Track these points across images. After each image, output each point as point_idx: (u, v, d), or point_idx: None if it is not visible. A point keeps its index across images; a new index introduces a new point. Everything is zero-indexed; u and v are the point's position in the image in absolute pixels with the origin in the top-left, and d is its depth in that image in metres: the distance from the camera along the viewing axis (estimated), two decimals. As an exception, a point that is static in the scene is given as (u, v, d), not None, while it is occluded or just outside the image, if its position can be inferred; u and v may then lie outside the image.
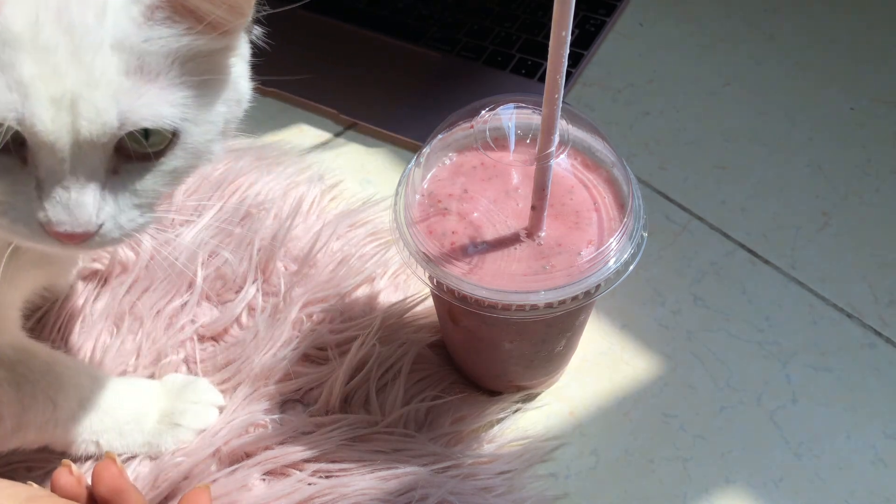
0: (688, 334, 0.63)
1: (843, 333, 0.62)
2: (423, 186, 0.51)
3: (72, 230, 0.33)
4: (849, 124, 0.76)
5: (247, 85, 0.42)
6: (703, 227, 0.69)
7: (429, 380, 0.60)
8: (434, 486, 0.54)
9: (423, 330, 0.62)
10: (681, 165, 0.73)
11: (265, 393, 0.59)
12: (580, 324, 0.55)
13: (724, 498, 0.55)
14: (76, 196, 0.33)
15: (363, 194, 0.72)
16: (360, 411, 0.58)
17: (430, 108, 0.78)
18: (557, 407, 0.60)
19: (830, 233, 0.68)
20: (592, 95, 0.79)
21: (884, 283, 0.65)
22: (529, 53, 0.81)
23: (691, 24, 0.85)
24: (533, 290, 0.46)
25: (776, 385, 0.60)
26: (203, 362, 0.61)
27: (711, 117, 0.77)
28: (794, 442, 0.57)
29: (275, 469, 0.55)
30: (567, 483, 0.56)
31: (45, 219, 0.33)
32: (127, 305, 0.63)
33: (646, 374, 0.61)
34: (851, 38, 0.83)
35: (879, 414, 0.58)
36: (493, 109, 0.51)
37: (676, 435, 0.58)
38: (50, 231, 0.34)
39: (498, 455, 0.57)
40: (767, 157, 0.74)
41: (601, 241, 0.48)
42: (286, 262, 0.66)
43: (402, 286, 0.66)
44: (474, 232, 0.48)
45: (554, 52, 0.41)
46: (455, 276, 0.47)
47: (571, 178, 0.51)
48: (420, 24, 0.85)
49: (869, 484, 0.55)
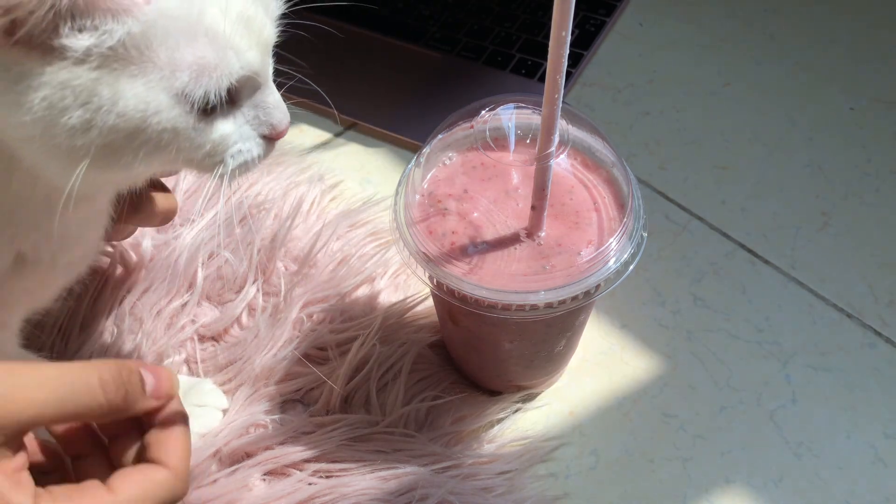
0: (688, 334, 0.63)
1: (843, 333, 0.62)
2: (423, 186, 0.51)
3: (287, 120, 0.43)
4: (849, 124, 0.76)
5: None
6: (703, 227, 0.69)
7: (429, 380, 0.60)
8: (434, 486, 0.54)
9: (423, 330, 0.62)
10: (681, 165, 0.73)
11: (265, 393, 0.59)
12: (580, 324, 0.55)
13: (724, 498, 0.55)
14: (275, 97, 0.42)
15: (363, 194, 0.72)
16: (360, 411, 0.58)
17: (430, 108, 0.78)
18: (557, 407, 0.60)
19: (830, 233, 0.68)
20: (592, 95, 0.79)
21: (884, 283, 0.65)
22: (529, 53, 0.81)
23: (691, 24, 0.85)
24: (533, 290, 0.46)
25: (776, 385, 0.60)
26: (204, 363, 0.61)
27: (711, 117, 0.77)
28: (793, 442, 0.57)
29: (275, 469, 0.55)
30: (567, 483, 0.56)
31: (277, 126, 0.42)
32: (127, 306, 0.63)
33: (646, 374, 0.61)
34: (851, 38, 0.83)
35: (879, 414, 0.58)
36: (493, 109, 0.51)
37: (676, 435, 0.58)
38: (275, 134, 0.42)
39: (498, 455, 0.57)
40: (767, 157, 0.74)
41: (601, 241, 0.48)
42: (286, 262, 0.66)
43: (402, 286, 0.66)
44: (474, 232, 0.48)
45: (554, 52, 0.41)
46: (455, 276, 0.47)
47: (571, 178, 0.51)
48: (420, 24, 0.85)
49: (869, 484, 0.55)
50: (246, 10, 0.38)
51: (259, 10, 0.39)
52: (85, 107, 0.36)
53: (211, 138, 0.40)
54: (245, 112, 0.41)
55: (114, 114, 0.36)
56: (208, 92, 0.37)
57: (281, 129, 0.42)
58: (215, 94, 0.38)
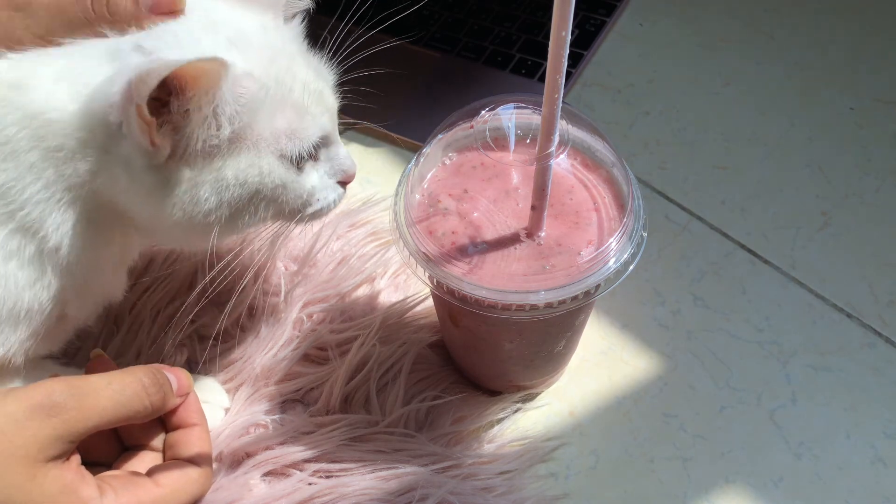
0: (688, 334, 0.63)
1: (842, 333, 0.62)
2: (423, 186, 0.51)
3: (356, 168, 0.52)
4: (849, 124, 0.76)
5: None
6: (703, 227, 0.69)
7: (429, 380, 0.60)
8: (434, 486, 0.54)
9: (423, 330, 0.62)
10: (681, 165, 0.73)
11: (266, 393, 0.59)
12: (580, 324, 0.55)
13: (724, 498, 0.55)
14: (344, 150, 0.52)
15: (363, 194, 0.72)
16: (360, 411, 0.58)
17: (430, 108, 0.78)
18: (557, 407, 0.60)
19: (830, 233, 0.68)
20: (592, 95, 0.79)
21: (884, 283, 0.65)
22: (529, 53, 0.81)
23: (691, 24, 0.85)
24: (533, 290, 0.46)
25: (776, 385, 0.60)
26: (204, 363, 0.61)
27: (711, 117, 0.77)
28: (793, 442, 0.57)
29: (275, 469, 0.55)
30: (567, 483, 0.56)
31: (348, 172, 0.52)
32: (127, 306, 0.63)
33: (646, 374, 0.61)
34: (851, 38, 0.83)
35: (879, 414, 0.58)
36: (493, 109, 0.51)
37: (676, 435, 0.58)
38: (347, 178, 0.52)
39: (498, 455, 0.57)
40: (767, 157, 0.74)
41: (601, 241, 0.48)
42: (286, 262, 0.66)
43: (402, 286, 0.66)
44: (474, 232, 0.48)
45: (554, 52, 0.41)
46: (455, 276, 0.47)
47: (571, 178, 0.51)
48: (420, 24, 0.85)
49: (869, 484, 0.55)
50: (317, 86, 0.48)
51: (324, 85, 0.49)
52: (218, 192, 0.45)
53: (307, 187, 0.49)
54: (323, 164, 0.50)
55: (238, 186, 0.45)
56: (301, 150, 0.47)
57: (351, 173, 0.52)
58: (305, 151, 0.47)
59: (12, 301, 0.45)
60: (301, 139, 0.47)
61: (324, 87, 0.49)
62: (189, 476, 0.47)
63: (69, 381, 0.43)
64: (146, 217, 0.46)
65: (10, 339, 0.46)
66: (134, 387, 0.45)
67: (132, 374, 0.46)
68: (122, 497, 0.43)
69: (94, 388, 0.43)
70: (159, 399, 0.46)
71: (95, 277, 0.49)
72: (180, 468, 0.47)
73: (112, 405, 0.43)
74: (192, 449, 0.48)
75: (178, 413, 0.49)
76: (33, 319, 0.47)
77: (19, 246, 0.44)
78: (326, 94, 0.50)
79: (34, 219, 0.44)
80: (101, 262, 0.49)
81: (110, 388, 0.44)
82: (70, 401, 0.42)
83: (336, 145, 0.51)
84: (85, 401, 0.42)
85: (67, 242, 0.45)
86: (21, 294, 0.45)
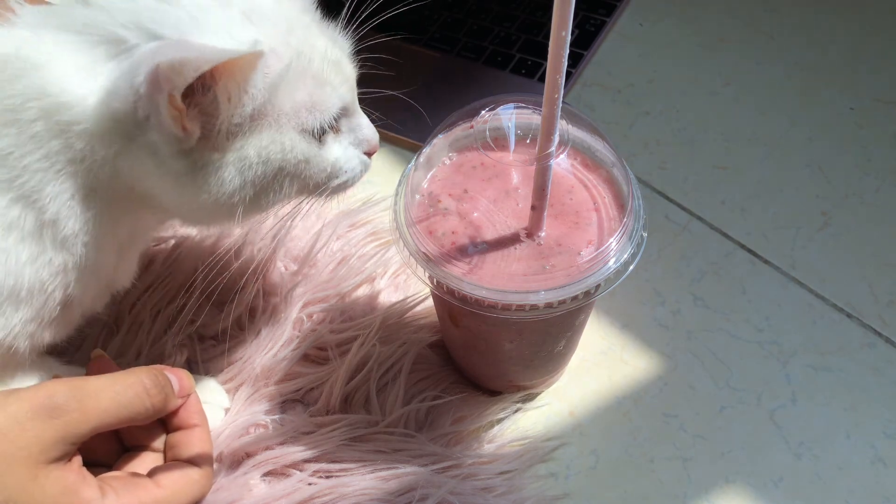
0: (688, 334, 0.63)
1: (842, 333, 0.62)
2: (423, 186, 0.51)
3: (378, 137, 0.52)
4: (849, 124, 0.76)
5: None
6: (703, 227, 0.69)
7: (429, 380, 0.60)
8: (434, 486, 0.54)
9: (423, 330, 0.62)
10: (681, 165, 0.73)
11: (266, 393, 0.59)
12: (580, 324, 0.55)
13: (724, 498, 0.55)
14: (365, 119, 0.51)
15: (363, 194, 0.72)
16: (360, 411, 0.58)
17: (430, 108, 0.78)
18: (557, 407, 0.60)
19: (830, 233, 0.68)
20: (592, 95, 0.79)
21: (884, 283, 0.65)
22: (529, 53, 0.81)
23: (691, 24, 0.85)
24: (533, 290, 0.46)
25: (776, 385, 0.60)
26: (204, 363, 0.61)
27: (711, 117, 0.77)
28: (793, 442, 0.57)
29: (275, 469, 0.55)
30: (567, 483, 0.56)
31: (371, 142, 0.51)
32: (127, 306, 0.63)
33: (646, 374, 0.61)
34: (851, 38, 0.83)
35: (879, 414, 0.58)
36: (493, 109, 0.51)
37: (676, 435, 0.58)
38: (371, 148, 0.51)
39: (498, 455, 0.57)
40: (767, 157, 0.74)
41: (601, 241, 0.48)
42: (286, 262, 0.66)
43: (402, 286, 0.66)
44: (474, 232, 0.48)
45: (554, 52, 0.41)
46: (455, 276, 0.47)
47: (571, 178, 0.51)
48: (420, 24, 0.85)
49: (869, 484, 0.55)
50: (334, 55, 0.47)
51: (341, 54, 0.48)
52: (241, 172, 0.44)
53: (330, 160, 0.48)
54: (346, 136, 0.50)
55: (261, 164, 0.45)
56: (323, 123, 0.46)
57: (374, 142, 0.52)
58: (326, 123, 0.47)
59: (13, 278, 0.45)
60: (321, 111, 0.46)
61: (341, 55, 0.48)
62: (190, 477, 0.47)
63: (71, 382, 0.43)
64: (171, 200, 0.46)
65: (12, 320, 0.46)
66: (135, 388, 0.45)
67: (134, 376, 0.46)
68: (124, 498, 0.43)
69: (95, 390, 0.43)
70: (161, 400, 0.46)
71: (100, 258, 0.48)
72: (181, 469, 0.47)
73: (114, 406, 0.44)
74: (193, 450, 0.48)
75: (180, 414, 0.49)
76: (35, 299, 0.46)
77: (19, 216, 0.44)
78: (344, 63, 0.49)
79: (32, 187, 0.43)
80: (104, 241, 0.48)
81: (112, 389, 0.44)
82: (72, 402, 0.42)
83: (357, 115, 0.51)
84: (86, 402, 0.42)
85: (66, 214, 0.45)
86: (21, 270, 0.45)
